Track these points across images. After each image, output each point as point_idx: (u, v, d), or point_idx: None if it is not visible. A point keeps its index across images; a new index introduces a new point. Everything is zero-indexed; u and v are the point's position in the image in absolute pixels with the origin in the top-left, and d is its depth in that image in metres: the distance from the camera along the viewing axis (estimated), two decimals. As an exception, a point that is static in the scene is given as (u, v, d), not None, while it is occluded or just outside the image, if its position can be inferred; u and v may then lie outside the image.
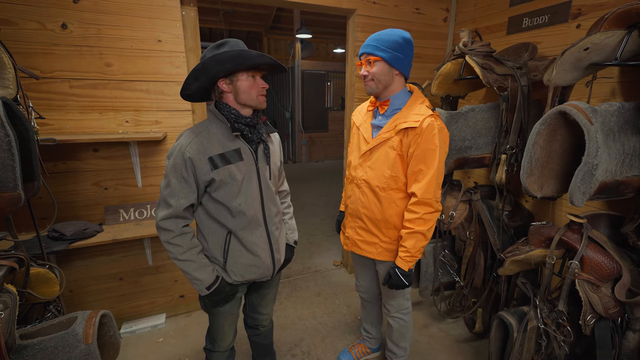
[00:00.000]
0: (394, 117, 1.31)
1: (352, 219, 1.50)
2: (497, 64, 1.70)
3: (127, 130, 1.85)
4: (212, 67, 1.05)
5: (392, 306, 1.60)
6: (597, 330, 1.24)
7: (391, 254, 1.43)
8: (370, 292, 1.75)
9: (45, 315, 1.43)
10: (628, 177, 1.23)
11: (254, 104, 1.14)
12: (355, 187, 1.44)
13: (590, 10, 1.64)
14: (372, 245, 1.45)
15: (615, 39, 1.18)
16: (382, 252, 1.44)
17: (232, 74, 1.10)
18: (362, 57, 1.30)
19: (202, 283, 1.17)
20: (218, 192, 1.13)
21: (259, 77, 1.14)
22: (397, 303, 1.59)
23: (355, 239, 1.50)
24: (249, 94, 1.11)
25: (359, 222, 1.46)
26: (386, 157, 1.32)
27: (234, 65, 1.06)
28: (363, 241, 1.47)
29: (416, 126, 1.23)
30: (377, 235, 1.42)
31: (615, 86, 1.57)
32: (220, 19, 6.22)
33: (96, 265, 1.96)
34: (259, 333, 1.55)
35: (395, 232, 1.40)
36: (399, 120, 1.28)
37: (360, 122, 1.45)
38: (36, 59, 1.61)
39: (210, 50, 1.10)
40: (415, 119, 1.24)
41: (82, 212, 1.86)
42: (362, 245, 1.48)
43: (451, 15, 2.49)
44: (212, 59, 1.04)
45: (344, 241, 1.59)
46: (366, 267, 1.67)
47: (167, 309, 2.21)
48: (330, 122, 7.48)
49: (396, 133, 1.28)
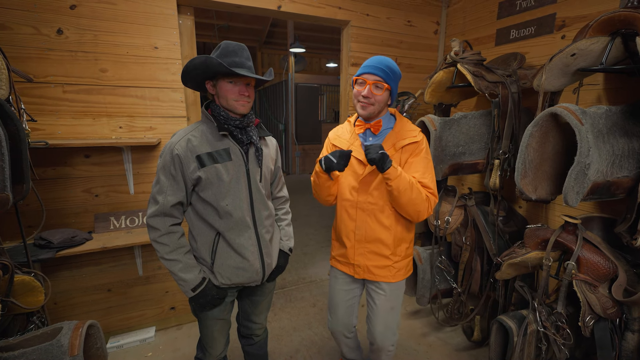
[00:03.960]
0: (387, 137, 1.33)
1: (360, 245, 1.38)
2: (488, 72, 1.75)
3: (121, 136, 1.83)
4: (190, 72, 1.10)
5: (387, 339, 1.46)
6: (597, 330, 1.24)
7: (402, 272, 1.40)
8: (350, 327, 1.56)
9: (27, 327, 1.36)
10: (618, 178, 1.26)
11: (230, 108, 1.14)
12: (361, 211, 1.35)
13: (574, 22, 1.72)
14: (385, 269, 1.37)
15: (600, 45, 1.23)
16: (397, 273, 1.39)
17: (214, 78, 1.14)
18: (367, 77, 1.24)
19: (188, 284, 1.15)
20: (206, 192, 1.13)
21: (241, 83, 1.13)
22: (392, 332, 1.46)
23: (367, 265, 1.38)
24: (225, 98, 1.13)
25: (369, 246, 1.37)
26: None
27: (200, 72, 1.10)
28: (376, 266, 1.37)
29: (418, 140, 1.31)
30: (389, 257, 1.36)
31: (600, 93, 1.63)
32: (214, 34, 6.32)
33: (83, 276, 1.89)
34: (252, 343, 1.50)
35: (404, 245, 1.39)
36: (397, 138, 1.31)
37: (347, 146, 1.37)
38: (30, 64, 1.60)
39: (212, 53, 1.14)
40: (413, 134, 1.32)
41: (71, 219, 1.81)
42: (375, 270, 1.38)
43: (441, 27, 2.58)
44: (189, 63, 1.08)
45: (353, 271, 1.42)
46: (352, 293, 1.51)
47: (157, 322, 2.13)
48: (323, 134, 7.54)
49: (396, 151, 1.31)
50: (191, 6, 1.93)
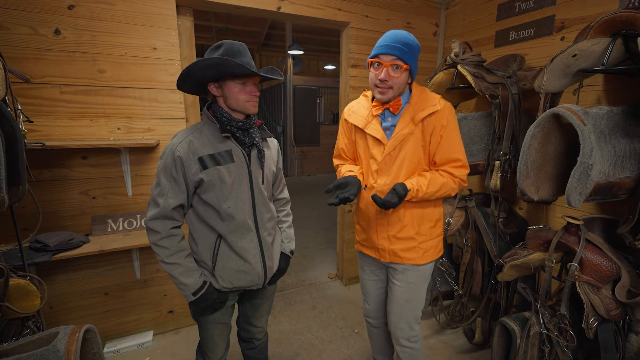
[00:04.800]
0: (404, 111, 1.25)
1: (382, 228, 1.34)
2: (488, 73, 1.75)
3: (119, 138, 1.81)
4: (195, 72, 1.05)
5: (401, 331, 1.42)
6: (600, 332, 1.23)
7: (430, 253, 1.34)
8: (382, 314, 1.56)
9: (22, 332, 1.33)
10: (620, 179, 1.25)
11: (241, 109, 1.12)
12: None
13: (573, 24, 1.73)
14: (412, 251, 1.33)
15: (601, 46, 1.23)
16: (424, 254, 1.33)
17: (220, 79, 1.09)
18: (384, 58, 1.16)
19: (189, 288, 1.12)
20: (207, 194, 1.11)
21: (251, 83, 1.11)
22: (408, 326, 1.42)
23: (393, 249, 1.34)
24: (236, 100, 1.10)
25: (392, 229, 1.32)
26: (413, 152, 1.24)
27: (213, 73, 1.06)
28: (402, 249, 1.33)
29: (437, 109, 1.21)
30: (414, 237, 1.31)
31: (600, 94, 1.63)
32: (212, 36, 6.32)
33: (80, 279, 1.86)
34: (253, 347, 1.48)
35: (428, 224, 1.33)
36: (416, 111, 1.22)
37: (363, 124, 1.30)
38: (27, 64, 1.58)
39: (208, 52, 1.10)
40: (432, 103, 1.22)
41: (67, 222, 1.78)
42: (402, 253, 1.33)
43: (440, 29, 2.59)
44: (196, 64, 1.03)
45: (379, 255, 1.39)
46: (380, 284, 1.50)
47: (154, 326, 2.10)
48: (322, 136, 7.54)
49: (415, 125, 1.22)
50: (190, 7, 1.92)
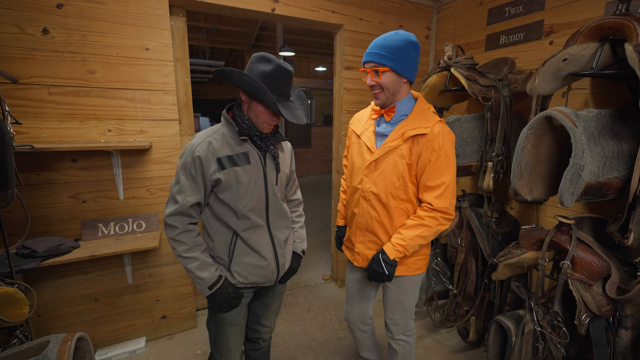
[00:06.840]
0: (400, 124, 1.25)
1: (361, 232, 1.37)
2: (480, 76, 1.79)
3: (110, 140, 1.77)
4: (234, 79, 1.10)
5: (397, 326, 1.46)
6: (592, 329, 1.27)
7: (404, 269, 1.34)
8: (365, 318, 1.55)
9: (10, 341, 1.28)
10: (609, 179, 1.30)
11: (257, 126, 1.17)
12: (363, 199, 1.33)
13: (561, 29, 1.78)
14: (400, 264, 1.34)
15: (590, 50, 1.27)
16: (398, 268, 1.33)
17: None
18: (366, 65, 1.22)
19: (205, 282, 1.15)
20: (224, 194, 1.15)
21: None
22: (404, 322, 1.45)
23: (367, 254, 1.37)
24: (256, 117, 1.14)
25: (369, 235, 1.35)
26: (394, 166, 1.24)
27: (247, 93, 1.11)
28: None
29: (427, 133, 1.19)
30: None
31: (587, 97, 1.69)
32: (202, 37, 6.25)
33: (69, 286, 1.80)
34: (258, 348, 1.49)
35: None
36: (407, 127, 1.22)
37: (361, 131, 1.36)
38: (13, 64, 1.53)
39: (255, 61, 1.11)
40: (424, 125, 1.20)
41: (56, 227, 1.73)
42: None
43: (432, 32, 2.63)
44: (240, 74, 1.07)
45: (352, 257, 1.44)
46: (365, 286, 1.50)
47: (147, 332, 2.05)
48: (313, 138, 7.54)
49: (404, 141, 1.22)
50: (184, 7, 1.90)
